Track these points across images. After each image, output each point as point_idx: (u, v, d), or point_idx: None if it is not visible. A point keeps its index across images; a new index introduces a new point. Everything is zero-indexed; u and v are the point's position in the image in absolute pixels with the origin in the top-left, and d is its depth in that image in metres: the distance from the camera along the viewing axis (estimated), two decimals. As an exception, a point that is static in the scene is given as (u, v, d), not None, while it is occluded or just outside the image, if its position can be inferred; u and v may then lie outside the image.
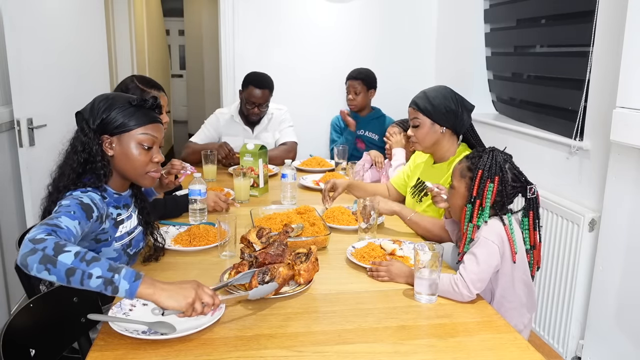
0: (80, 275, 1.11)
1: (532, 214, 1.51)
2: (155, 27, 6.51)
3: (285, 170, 2.25)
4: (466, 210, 1.51)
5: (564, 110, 2.55)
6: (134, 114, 1.46)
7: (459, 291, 1.38)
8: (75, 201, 1.33)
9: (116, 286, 1.12)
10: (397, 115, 2.96)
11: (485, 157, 1.51)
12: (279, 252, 1.43)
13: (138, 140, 1.46)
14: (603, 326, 2.14)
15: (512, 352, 1.16)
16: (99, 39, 3.45)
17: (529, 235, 1.52)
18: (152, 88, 2.06)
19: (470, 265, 1.42)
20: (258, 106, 2.92)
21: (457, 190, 1.58)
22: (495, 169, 1.48)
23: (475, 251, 1.44)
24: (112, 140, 1.46)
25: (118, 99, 1.49)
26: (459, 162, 1.62)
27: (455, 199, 1.59)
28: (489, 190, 1.47)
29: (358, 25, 3.78)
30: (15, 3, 2.35)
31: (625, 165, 2.02)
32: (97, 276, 1.11)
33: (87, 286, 1.12)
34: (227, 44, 3.67)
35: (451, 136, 1.98)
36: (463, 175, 1.56)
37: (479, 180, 1.49)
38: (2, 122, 2.53)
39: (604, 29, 2.17)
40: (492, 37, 3.30)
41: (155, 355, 1.12)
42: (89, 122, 1.45)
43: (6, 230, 2.55)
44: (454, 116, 1.94)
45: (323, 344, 1.17)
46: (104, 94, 1.52)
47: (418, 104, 1.97)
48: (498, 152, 1.53)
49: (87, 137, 1.44)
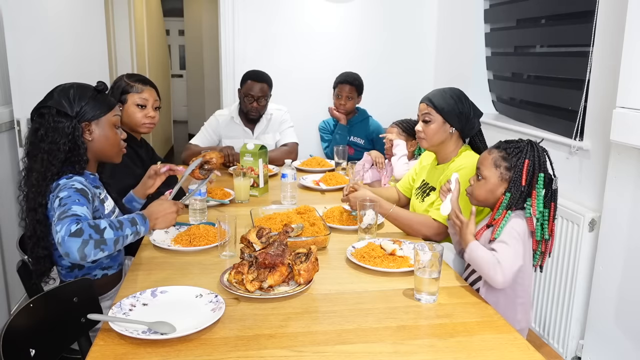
0: (122, 240, 1.38)
1: (553, 205, 1.56)
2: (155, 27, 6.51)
3: (285, 170, 2.25)
4: (503, 198, 1.55)
5: (564, 110, 2.55)
6: (103, 99, 1.62)
7: (494, 276, 1.43)
8: (71, 190, 1.43)
9: (139, 232, 1.44)
10: (397, 115, 2.95)
11: (528, 147, 1.56)
12: (279, 252, 1.43)
13: (112, 122, 1.63)
14: (603, 326, 2.14)
15: (512, 352, 1.16)
16: (99, 39, 3.45)
17: (548, 225, 1.56)
18: (138, 82, 2.17)
19: (505, 255, 1.46)
20: (257, 100, 2.92)
21: (487, 179, 1.60)
22: (542, 161, 1.54)
23: (508, 241, 1.48)
24: (90, 127, 1.58)
25: (84, 88, 1.60)
26: (487, 152, 1.64)
27: (483, 189, 1.62)
28: (541, 180, 1.52)
29: (358, 25, 3.79)
30: (15, 3, 2.35)
31: (625, 165, 2.02)
32: (129, 234, 1.40)
33: (125, 244, 1.40)
34: (227, 44, 3.67)
35: (457, 139, 1.98)
36: (497, 165, 1.59)
37: (526, 170, 1.53)
38: (2, 122, 2.53)
39: (604, 29, 2.17)
40: (492, 37, 3.29)
41: (155, 355, 1.12)
42: (67, 111, 1.53)
43: (6, 230, 2.55)
44: (466, 119, 1.94)
45: (323, 344, 1.17)
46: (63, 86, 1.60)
47: (433, 100, 1.95)
48: (537, 144, 1.58)
49: (68, 127, 1.51)
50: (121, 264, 1.73)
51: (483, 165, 1.62)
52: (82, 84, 1.62)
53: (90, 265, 1.61)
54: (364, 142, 3.29)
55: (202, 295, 1.36)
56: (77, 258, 1.29)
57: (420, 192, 2.08)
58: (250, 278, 1.38)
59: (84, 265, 1.60)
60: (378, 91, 3.73)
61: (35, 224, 1.51)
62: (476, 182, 1.64)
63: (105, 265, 1.65)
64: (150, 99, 2.17)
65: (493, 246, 1.50)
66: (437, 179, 1.99)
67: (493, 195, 1.60)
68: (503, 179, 1.58)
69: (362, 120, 3.31)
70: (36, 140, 1.52)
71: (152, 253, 1.69)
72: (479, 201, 1.64)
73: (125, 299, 1.32)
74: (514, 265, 1.46)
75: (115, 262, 1.68)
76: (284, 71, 3.68)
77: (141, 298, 1.34)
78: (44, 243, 1.53)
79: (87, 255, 1.30)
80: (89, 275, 1.60)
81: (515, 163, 1.55)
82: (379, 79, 3.78)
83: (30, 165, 1.53)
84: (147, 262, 1.62)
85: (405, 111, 3.17)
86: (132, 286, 1.45)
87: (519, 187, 1.54)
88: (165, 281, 1.47)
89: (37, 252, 1.53)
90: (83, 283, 1.42)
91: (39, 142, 1.51)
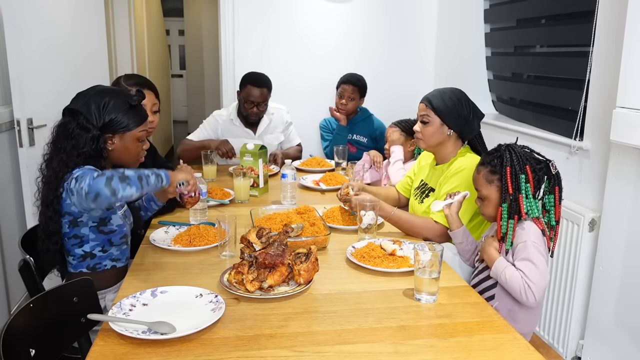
0: (145, 179, 1.43)
1: (557, 189, 1.56)
2: (155, 27, 6.51)
3: (285, 170, 2.25)
4: (502, 210, 1.54)
5: (564, 110, 2.55)
6: (133, 114, 1.63)
7: (526, 298, 1.45)
8: (85, 169, 1.48)
9: (159, 175, 1.48)
10: (396, 115, 2.95)
11: (506, 154, 1.55)
12: (279, 252, 1.43)
13: (137, 137, 1.66)
14: (603, 326, 2.14)
15: (512, 352, 1.16)
16: (99, 39, 3.45)
17: (555, 210, 1.56)
18: (135, 85, 2.10)
19: (533, 275, 1.47)
20: (257, 105, 2.90)
21: (488, 198, 1.60)
22: (522, 160, 1.53)
23: (534, 259, 1.48)
24: (114, 138, 1.62)
25: (118, 98, 1.61)
26: (476, 172, 1.64)
27: (489, 208, 1.62)
28: (522, 181, 1.52)
29: (358, 25, 3.78)
30: (15, 3, 2.35)
31: (625, 165, 2.02)
32: (150, 174, 1.45)
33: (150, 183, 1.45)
34: (227, 44, 3.66)
35: (456, 140, 1.98)
36: (490, 181, 1.59)
37: (510, 177, 1.53)
38: (2, 122, 2.53)
39: (604, 29, 2.17)
40: (492, 37, 3.29)
41: (155, 355, 1.12)
42: (92, 121, 1.56)
43: (6, 230, 2.55)
44: (464, 122, 1.93)
45: (323, 344, 1.17)
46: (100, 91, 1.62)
47: (432, 101, 1.93)
48: (514, 146, 1.58)
49: (92, 136, 1.55)
50: (128, 259, 1.76)
51: (478, 186, 1.63)
52: (121, 94, 1.65)
53: (101, 255, 1.64)
54: (366, 140, 3.29)
55: (202, 295, 1.36)
56: (108, 193, 1.34)
57: (419, 193, 2.08)
58: (250, 278, 1.38)
59: (95, 255, 1.63)
60: (378, 91, 3.72)
61: (48, 220, 1.56)
62: (481, 204, 1.65)
63: (115, 257, 1.68)
64: (148, 104, 2.10)
65: (520, 266, 1.49)
66: (437, 180, 1.98)
67: None
68: (501, 191, 1.57)
69: (365, 119, 3.31)
70: (63, 133, 1.57)
71: (152, 253, 1.69)
72: (493, 218, 1.64)
73: (125, 299, 1.32)
74: (543, 283, 1.48)
75: (124, 255, 1.72)
76: (284, 71, 3.68)
77: (141, 298, 1.34)
78: (55, 238, 1.58)
79: (115, 189, 1.35)
80: (99, 264, 1.65)
81: (502, 173, 1.55)
82: (379, 79, 3.77)
83: (51, 154, 1.58)
84: (147, 262, 1.62)
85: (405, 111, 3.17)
86: (132, 286, 1.44)
87: (508, 195, 1.53)
88: (165, 281, 1.47)
89: (47, 244, 1.58)
90: (83, 283, 1.42)
91: (64, 136, 1.56)
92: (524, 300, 1.47)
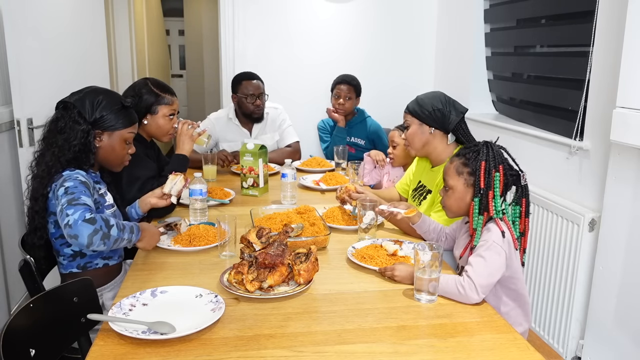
0: (119, 242, 1.47)
1: (525, 201, 1.54)
2: (155, 27, 6.51)
3: (285, 170, 2.25)
4: (473, 204, 1.52)
5: (564, 110, 2.55)
6: (124, 114, 1.70)
7: (465, 294, 1.37)
8: (76, 181, 1.51)
9: (130, 241, 1.53)
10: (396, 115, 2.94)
11: (484, 149, 1.54)
12: (279, 252, 1.43)
13: (124, 138, 1.71)
14: (603, 326, 2.14)
15: (512, 352, 1.17)
16: (99, 39, 3.45)
17: (520, 222, 1.55)
18: (166, 92, 2.19)
19: (479, 269, 1.41)
20: (259, 97, 2.92)
21: (454, 189, 1.58)
22: (497, 159, 1.52)
23: (485, 254, 1.44)
24: (102, 135, 1.67)
25: (111, 98, 1.68)
26: (449, 162, 1.62)
27: (452, 199, 1.59)
28: (497, 179, 1.50)
29: (358, 25, 3.78)
30: (15, 3, 2.34)
31: (625, 165, 2.02)
32: (125, 239, 1.49)
33: (118, 247, 1.51)
34: (227, 44, 3.67)
35: (442, 137, 1.99)
36: (460, 172, 1.57)
37: (483, 172, 1.51)
38: (2, 122, 2.52)
39: (604, 29, 2.17)
40: (492, 37, 3.29)
41: (155, 355, 1.12)
42: (85, 115, 1.61)
43: (6, 230, 2.55)
44: (441, 115, 1.95)
45: (323, 344, 1.17)
46: (95, 89, 1.69)
47: (408, 107, 2.04)
48: (492, 144, 1.57)
49: (83, 129, 1.60)
50: (121, 256, 1.79)
51: (447, 175, 1.61)
52: (114, 94, 1.73)
53: (92, 253, 1.67)
54: (364, 143, 3.29)
55: (202, 295, 1.36)
56: (84, 243, 1.38)
57: (417, 195, 2.09)
58: (250, 278, 1.38)
59: (85, 254, 1.66)
60: (378, 91, 3.73)
61: (34, 214, 1.60)
62: (445, 194, 1.62)
63: (106, 255, 1.71)
64: (177, 109, 2.24)
65: (470, 259, 1.46)
66: (434, 182, 2.00)
67: (464, 203, 1.57)
68: (468, 185, 1.55)
69: (362, 121, 3.31)
70: (54, 129, 1.61)
71: (152, 253, 1.69)
72: (453, 212, 1.62)
73: (125, 299, 1.32)
74: (490, 276, 1.41)
75: (116, 253, 1.74)
76: (284, 71, 3.68)
77: (141, 298, 1.34)
78: (40, 233, 1.61)
79: (93, 243, 1.39)
80: (90, 263, 1.68)
81: (475, 167, 1.53)
82: (379, 79, 3.77)
83: (43, 150, 1.62)
84: (147, 262, 1.62)
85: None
86: (132, 286, 1.44)
87: (479, 190, 1.52)
88: (165, 281, 1.47)
89: (32, 239, 1.62)
90: (83, 283, 1.43)
91: (56, 132, 1.61)
92: (462, 295, 1.38)
